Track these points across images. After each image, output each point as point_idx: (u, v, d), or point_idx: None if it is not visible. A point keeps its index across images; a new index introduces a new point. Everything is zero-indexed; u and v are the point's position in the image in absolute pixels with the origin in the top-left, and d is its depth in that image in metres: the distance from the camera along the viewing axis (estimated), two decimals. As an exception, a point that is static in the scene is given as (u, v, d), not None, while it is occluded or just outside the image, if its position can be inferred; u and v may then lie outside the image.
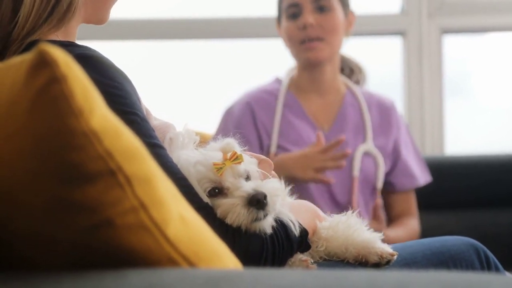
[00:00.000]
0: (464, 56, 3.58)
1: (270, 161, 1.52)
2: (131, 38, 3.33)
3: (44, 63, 0.88)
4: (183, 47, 3.44)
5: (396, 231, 2.41)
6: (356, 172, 2.44)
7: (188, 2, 3.42)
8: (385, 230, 2.30)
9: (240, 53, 3.47)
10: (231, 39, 3.42)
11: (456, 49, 3.49)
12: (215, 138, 2.32)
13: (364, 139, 2.49)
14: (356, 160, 2.45)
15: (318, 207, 1.59)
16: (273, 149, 2.43)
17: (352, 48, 2.73)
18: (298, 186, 2.26)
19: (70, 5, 1.46)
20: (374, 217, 2.41)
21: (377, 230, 2.09)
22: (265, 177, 1.47)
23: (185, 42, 3.42)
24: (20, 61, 0.92)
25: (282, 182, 1.50)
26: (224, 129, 2.44)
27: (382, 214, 2.42)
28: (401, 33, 3.36)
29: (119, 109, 1.25)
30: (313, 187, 2.39)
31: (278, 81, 2.59)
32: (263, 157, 1.51)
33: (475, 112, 3.57)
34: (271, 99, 2.51)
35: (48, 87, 0.88)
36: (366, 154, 2.47)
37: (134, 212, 0.93)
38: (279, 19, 2.53)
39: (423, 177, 2.59)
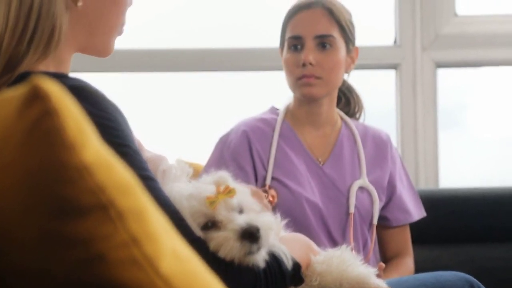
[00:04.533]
0: (459, 88, 3.59)
1: (261, 192, 1.52)
2: (123, 70, 3.34)
3: (37, 97, 0.87)
4: (172, 79, 3.44)
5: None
6: (352, 208, 2.42)
7: (181, 33, 3.42)
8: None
9: (232, 86, 3.47)
10: (224, 72, 3.42)
11: (450, 81, 3.49)
12: (209, 166, 2.32)
13: (359, 175, 2.48)
14: (352, 196, 2.43)
15: (316, 242, 1.58)
16: (268, 180, 2.41)
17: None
18: (296, 222, 2.25)
19: (53, 30, 1.43)
20: None
21: None
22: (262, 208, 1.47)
23: (176, 74, 3.42)
24: (12, 95, 0.92)
25: (277, 215, 1.50)
26: (220, 158, 2.42)
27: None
28: (394, 66, 3.37)
29: (112, 141, 1.25)
30: (312, 223, 2.37)
31: (274, 110, 2.57)
32: (254, 188, 1.51)
33: (470, 145, 3.57)
34: (267, 129, 2.49)
35: (40, 121, 0.88)
36: (361, 189, 2.46)
37: (125, 247, 0.92)
38: (282, 46, 2.51)
39: (417, 213, 2.58)
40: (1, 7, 1.41)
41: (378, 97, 3.45)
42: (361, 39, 2.56)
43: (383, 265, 2.34)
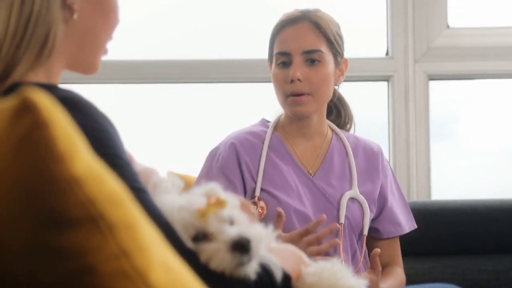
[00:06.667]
0: (451, 101, 3.60)
1: (249, 204, 1.52)
2: (113, 81, 3.33)
3: (27, 109, 0.88)
4: (163, 90, 3.43)
5: (388, 283, 2.37)
6: (342, 220, 2.41)
7: (170, 44, 3.42)
8: (380, 283, 2.27)
9: (224, 97, 3.47)
10: (215, 83, 3.42)
11: (443, 93, 3.50)
12: (199, 180, 2.32)
13: (350, 186, 2.47)
14: (342, 208, 2.42)
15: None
16: (257, 192, 2.41)
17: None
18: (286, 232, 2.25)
19: (47, 37, 1.41)
20: (372, 266, 2.30)
21: (373, 281, 2.05)
22: (250, 220, 1.46)
23: (166, 85, 3.42)
24: (3, 106, 0.92)
25: (268, 226, 1.49)
26: (209, 172, 2.42)
27: (379, 265, 2.31)
28: (386, 78, 3.38)
29: (103, 152, 1.24)
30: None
31: (264, 123, 2.57)
32: (243, 199, 1.51)
33: (462, 157, 3.57)
34: (256, 141, 2.48)
35: (30, 133, 0.88)
36: (352, 200, 2.45)
37: (115, 259, 0.92)
38: (270, 60, 2.51)
39: (408, 225, 2.57)
40: (2, 13, 1.41)
41: (370, 109, 3.45)
42: (353, 51, 2.56)
43: (379, 250, 2.29)
